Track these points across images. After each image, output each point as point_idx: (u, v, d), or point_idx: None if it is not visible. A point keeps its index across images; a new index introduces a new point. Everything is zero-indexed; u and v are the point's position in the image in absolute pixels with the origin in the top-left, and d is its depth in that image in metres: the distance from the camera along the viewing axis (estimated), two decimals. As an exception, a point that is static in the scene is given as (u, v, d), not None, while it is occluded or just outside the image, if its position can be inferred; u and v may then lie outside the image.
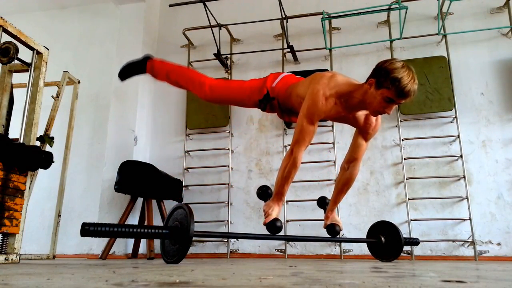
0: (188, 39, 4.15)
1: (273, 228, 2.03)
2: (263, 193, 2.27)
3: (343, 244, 3.31)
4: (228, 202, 3.67)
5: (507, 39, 3.47)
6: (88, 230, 1.48)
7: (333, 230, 2.30)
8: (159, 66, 2.48)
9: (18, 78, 2.81)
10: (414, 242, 2.67)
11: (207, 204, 3.73)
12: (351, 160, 2.24)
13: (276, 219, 2.04)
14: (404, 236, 2.44)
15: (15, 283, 0.92)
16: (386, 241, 2.47)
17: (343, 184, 2.29)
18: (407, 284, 0.86)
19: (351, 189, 3.00)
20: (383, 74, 1.81)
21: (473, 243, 3.09)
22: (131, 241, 3.54)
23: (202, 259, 3.06)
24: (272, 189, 2.23)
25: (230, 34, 4.09)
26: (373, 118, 2.12)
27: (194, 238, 1.85)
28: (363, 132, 2.17)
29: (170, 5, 3.80)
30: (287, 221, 3.48)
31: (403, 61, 1.85)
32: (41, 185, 3.78)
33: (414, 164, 3.40)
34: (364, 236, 2.70)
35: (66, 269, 1.44)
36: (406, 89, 1.77)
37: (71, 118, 3.62)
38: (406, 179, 3.33)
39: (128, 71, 2.54)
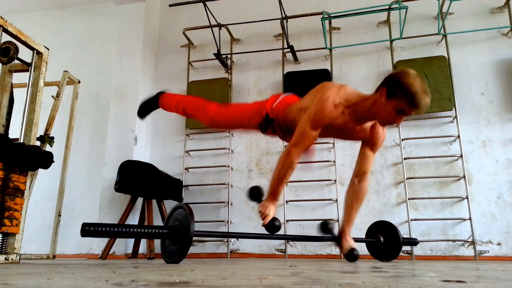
0: (188, 39, 4.15)
1: (272, 228, 2.03)
2: (255, 194, 2.19)
3: (343, 244, 3.31)
4: (228, 202, 3.67)
5: (507, 39, 3.47)
6: (88, 230, 1.48)
7: (352, 256, 2.13)
8: (169, 99, 2.63)
9: (18, 78, 2.81)
10: (413, 242, 2.67)
11: (207, 204, 3.73)
12: (360, 173, 2.19)
13: (274, 219, 2.04)
14: (404, 236, 2.44)
15: (15, 283, 0.92)
16: (384, 241, 2.47)
17: (354, 199, 2.21)
18: (407, 284, 0.87)
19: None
20: (395, 84, 1.78)
21: (473, 243, 3.09)
22: (131, 241, 3.54)
23: (202, 259, 3.06)
24: (263, 189, 2.17)
25: (230, 34, 4.08)
26: (380, 127, 2.08)
27: (194, 238, 1.85)
28: (371, 143, 2.12)
29: (170, 5, 3.79)
30: (287, 221, 3.48)
31: (416, 72, 1.81)
32: (41, 185, 3.79)
33: (414, 164, 3.40)
34: (364, 236, 2.70)
35: (66, 269, 1.44)
36: (419, 101, 1.73)
37: (71, 118, 3.62)
38: (406, 179, 3.33)
39: (145, 109, 2.71)
